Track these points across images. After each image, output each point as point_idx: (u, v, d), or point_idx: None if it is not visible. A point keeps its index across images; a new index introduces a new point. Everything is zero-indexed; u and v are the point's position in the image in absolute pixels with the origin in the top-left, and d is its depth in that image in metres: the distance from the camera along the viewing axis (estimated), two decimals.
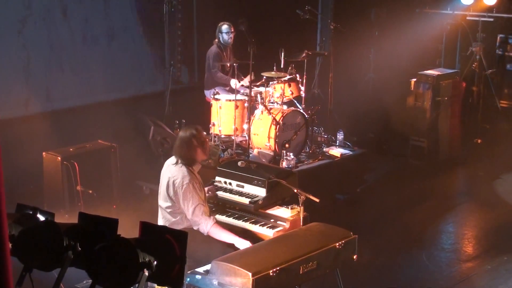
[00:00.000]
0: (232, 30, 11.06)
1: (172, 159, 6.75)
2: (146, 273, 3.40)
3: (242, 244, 6.35)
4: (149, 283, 3.60)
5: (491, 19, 13.11)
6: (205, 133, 7.14)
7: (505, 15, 13.47)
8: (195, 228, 6.50)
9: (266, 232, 6.72)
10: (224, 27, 11.09)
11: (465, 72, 12.93)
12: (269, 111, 9.94)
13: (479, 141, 12.48)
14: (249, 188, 7.15)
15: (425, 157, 11.54)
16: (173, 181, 6.54)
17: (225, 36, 11.09)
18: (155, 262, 3.43)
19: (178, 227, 6.41)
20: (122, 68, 11.52)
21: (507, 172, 11.13)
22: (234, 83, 10.64)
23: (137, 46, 11.71)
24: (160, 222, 6.68)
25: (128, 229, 3.87)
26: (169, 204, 6.60)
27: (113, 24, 11.31)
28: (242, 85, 10.78)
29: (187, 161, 6.64)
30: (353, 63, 13.80)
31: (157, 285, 3.68)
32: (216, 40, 11.14)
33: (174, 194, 6.54)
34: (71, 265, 3.62)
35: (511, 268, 7.80)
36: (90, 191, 8.67)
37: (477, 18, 13.08)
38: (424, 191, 10.54)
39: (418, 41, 13.66)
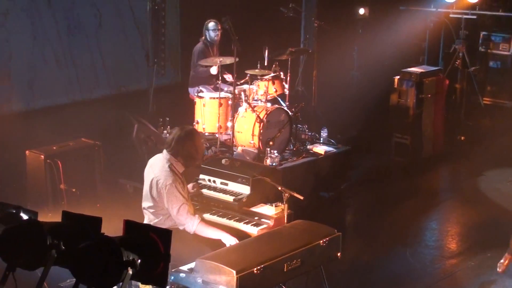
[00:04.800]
0: (219, 28, 11.05)
1: (155, 159, 6.71)
2: (130, 272, 3.39)
3: (229, 239, 6.34)
4: (133, 282, 3.59)
5: (474, 17, 13.17)
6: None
7: (488, 13, 13.54)
8: (180, 228, 6.48)
9: (250, 230, 6.71)
10: (211, 24, 11.09)
11: (448, 69, 12.97)
12: (253, 108, 9.94)
13: (462, 138, 12.53)
14: (233, 186, 7.14)
15: (409, 154, 11.56)
16: (157, 181, 6.50)
17: (212, 34, 11.09)
18: (139, 261, 3.42)
19: (162, 226, 6.39)
20: (106, 66, 11.49)
21: (490, 169, 11.18)
22: (214, 69, 10.66)
23: (121, 44, 11.68)
24: (145, 222, 6.65)
25: (112, 228, 3.86)
26: (151, 204, 6.57)
27: (97, 22, 11.28)
28: (225, 73, 10.79)
29: (183, 160, 6.59)
30: (337, 60, 13.81)
31: (141, 283, 3.68)
32: (203, 37, 11.14)
33: (157, 194, 6.50)
34: (55, 264, 3.61)
35: (494, 264, 7.81)
36: (74, 190, 8.63)
37: (460, 16, 13.14)
38: (408, 188, 10.57)
39: (402, 39, 13.71)
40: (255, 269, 5.48)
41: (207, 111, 10.26)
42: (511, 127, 12.26)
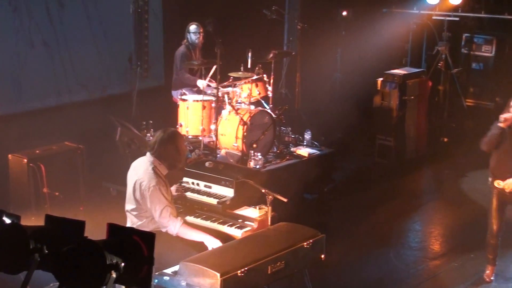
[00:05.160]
0: (201, 31, 11.05)
1: (139, 161, 6.71)
2: (114, 275, 3.38)
3: (212, 242, 6.34)
4: (116, 285, 3.58)
5: (457, 19, 13.23)
6: None
7: (470, 14, 13.61)
8: (163, 230, 6.47)
9: (234, 233, 6.72)
10: (192, 27, 11.07)
11: (431, 71, 13.03)
12: (236, 111, 9.94)
13: (445, 139, 12.59)
14: (217, 189, 7.15)
15: (392, 156, 11.60)
16: (140, 184, 6.50)
17: (193, 37, 11.07)
18: (123, 264, 3.42)
19: (145, 229, 6.37)
20: (89, 69, 11.46)
21: (473, 170, 11.22)
22: (201, 83, 10.63)
23: (104, 47, 11.65)
24: (128, 225, 6.64)
25: (95, 231, 3.85)
26: (134, 206, 6.56)
27: (79, 25, 11.25)
28: (209, 85, 10.76)
29: (167, 162, 6.59)
30: (320, 63, 13.84)
31: (125, 286, 3.66)
32: (185, 40, 11.12)
33: (140, 196, 6.50)
34: (38, 268, 3.59)
35: (478, 265, 7.86)
36: (57, 193, 8.60)
37: (442, 18, 13.20)
38: (391, 190, 10.61)
39: (385, 41, 13.75)
40: (239, 271, 5.49)
41: (190, 114, 10.25)
42: None
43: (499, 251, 7.78)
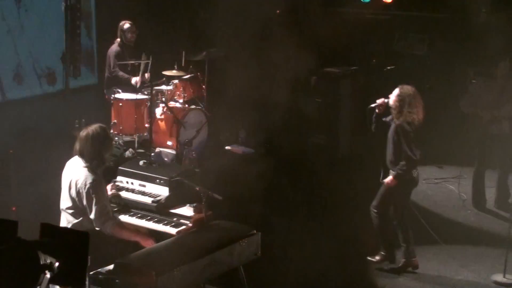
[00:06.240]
0: (134, 29, 10.99)
1: (74, 160, 6.65)
2: (48, 275, 3.35)
3: (147, 241, 6.33)
4: (50, 285, 3.55)
5: (389, 17, 13.38)
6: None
7: (403, 13, 13.77)
8: (97, 228, 6.43)
9: (169, 231, 6.70)
10: (126, 26, 11.01)
11: (365, 69, 13.14)
12: (170, 110, 9.92)
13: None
14: (151, 188, 7.12)
15: (325, 154, 11.66)
16: (76, 182, 6.45)
17: (127, 35, 11.01)
18: (57, 264, 3.39)
19: (80, 228, 6.32)
20: (21, 68, 11.30)
21: None
22: (134, 81, 10.57)
23: (36, 45, 11.50)
24: (63, 224, 6.58)
25: (28, 231, 3.81)
26: (70, 205, 6.51)
27: (9, 22, 11.08)
28: (143, 83, 10.71)
29: (96, 159, 6.54)
30: (254, 61, 13.86)
31: (59, 286, 3.63)
32: (118, 39, 11.05)
33: (76, 194, 6.45)
34: None
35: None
36: None
37: (375, 16, 13.33)
38: (325, 188, 10.66)
39: (319, 39, 13.83)
40: (175, 270, 5.48)
41: (124, 112, 10.20)
42: (430, 127, 12.47)
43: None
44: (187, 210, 6.88)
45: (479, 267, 8.25)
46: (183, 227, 6.71)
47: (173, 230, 6.68)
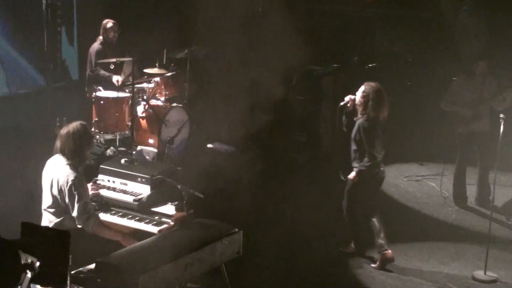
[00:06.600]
0: (117, 28, 10.96)
1: (55, 159, 6.62)
2: (29, 275, 3.34)
3: (128, 240, 6.31)
4: (32, 285, 3.54)
5: (370, 14, 13.41)
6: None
7: (384, 11, 13.80)
8: (79, 226, 6.40)
9: (151, 230, 6.68)
10: (109, 25, 10.98)
11: (346, 66, 13.16)
12: (152, 108, 9.90)
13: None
14: (133, 186, 7.10)
15: (306, 151, 11.67)
16: (57, 180, 6.43)
17: (109, 34, 10.97)
18: (38, 263, 3.38)
19: (62, 227, 6.30)
20: (4, 65, 11.25)
21: (386, 165, 11.36)
22: (116, 79, 10.54)
23: (17, 43, 11.45)
24: (44, 224, 6.55)
25: (9, 230, 3.79)
26: (51, 204, 6.48)
27: None
28: (124, 82, 10.68)
29: (77, 156, 6.51)
30: (236, 60, 13.85)
31: (41, 286, 3.62)
32: (100, 37, 11.01)
33: (58, 193, 6.42)
34: None
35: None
36: None
37: (357, 14, 13.35)
38: (305, 184, 10.66)
39: (301, 37, 13.83)
40: (156, 269, 5.47)
41: (105, 110, 10.17)
42: (412, 124, 12.51)
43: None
44: (168, 209, 6.86)
45: (460, 264, 8.29)
46: (165, 225, 6.69)
47: (154, 229, 6.66)
